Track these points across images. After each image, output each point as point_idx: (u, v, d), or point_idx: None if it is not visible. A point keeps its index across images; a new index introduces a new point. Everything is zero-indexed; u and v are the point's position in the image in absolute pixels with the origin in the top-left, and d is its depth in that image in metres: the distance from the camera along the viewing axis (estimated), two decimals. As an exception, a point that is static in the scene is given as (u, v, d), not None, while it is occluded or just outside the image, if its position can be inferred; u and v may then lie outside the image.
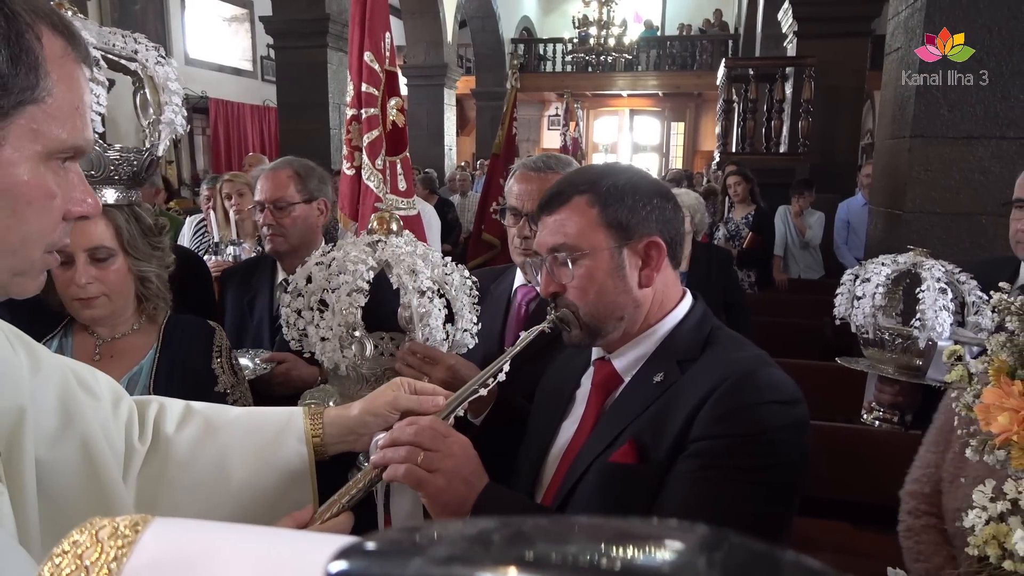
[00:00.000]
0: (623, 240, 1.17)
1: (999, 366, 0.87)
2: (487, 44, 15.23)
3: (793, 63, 7.10)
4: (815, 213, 5.83)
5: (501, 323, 1.96)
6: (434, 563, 0.27)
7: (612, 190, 1.17)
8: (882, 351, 2.08)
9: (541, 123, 20.44)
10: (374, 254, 1.47)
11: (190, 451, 1.03)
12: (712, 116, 14.83)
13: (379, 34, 3.06)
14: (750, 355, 1.15)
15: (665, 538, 0.28)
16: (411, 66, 11.44)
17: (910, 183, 3.40)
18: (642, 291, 1.19)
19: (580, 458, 1.18)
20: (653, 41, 18.52)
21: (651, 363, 1.20)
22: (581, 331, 1.21)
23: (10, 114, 0.67)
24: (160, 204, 5.44)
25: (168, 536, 0.38)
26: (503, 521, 0.29)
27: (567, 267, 1.18)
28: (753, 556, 0.29)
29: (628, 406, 1.17)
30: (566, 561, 0.25)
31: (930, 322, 1.90)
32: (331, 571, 0.30)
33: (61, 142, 0.71)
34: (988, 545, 0.79)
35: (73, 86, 0.72)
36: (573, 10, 16.65)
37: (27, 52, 0.67)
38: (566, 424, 1.29)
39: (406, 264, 1.44)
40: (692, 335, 1.20)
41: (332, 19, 7.27)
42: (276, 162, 2.29)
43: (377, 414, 1.10)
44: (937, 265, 2.02)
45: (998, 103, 3.22)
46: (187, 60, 11.30)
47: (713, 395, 1.05)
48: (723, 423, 1.03)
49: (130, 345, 1.61)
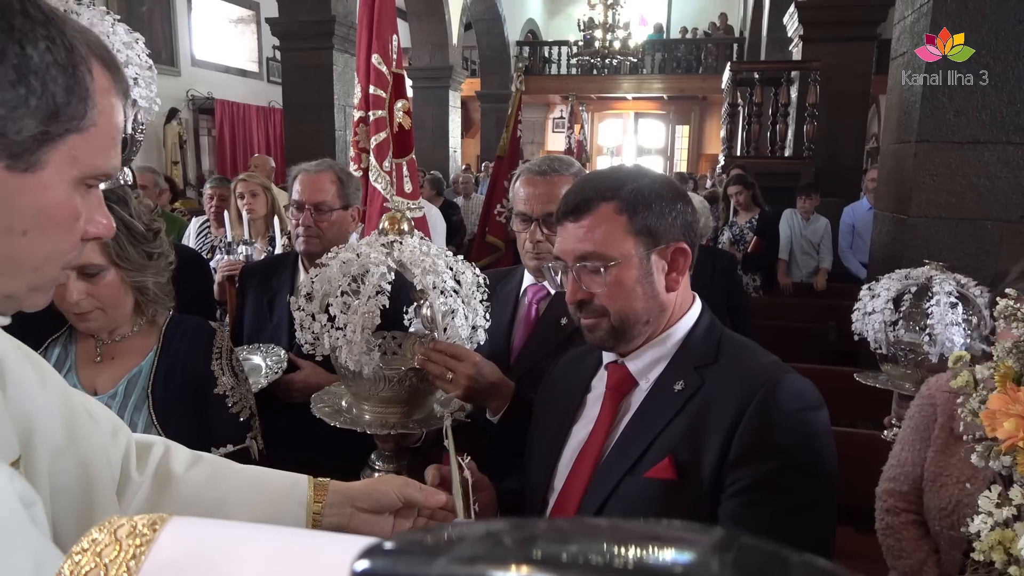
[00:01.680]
0: (651, 246, 1.18)
1: (1005, 372, 0.88)
2: (492, 47, 15.24)
3: (798, 67, 7.10)
4: (820, 219, 5.84)
5: (508, 323, 1.96)
6: (458, 562, 0.27)
7: (639, 196, 1.18)
8: (896, 366, 2.08)
9: (546, 125, 20.44)
10: (392, 255, 1.46)
11: (194, 492, 1.04)
12: (717, 119, 14.82)
13: (387, 36, 3.08)
14: (768, 362, 1.18)
15: (679, 539, 0.28)
16: (416, 68, 11.44)
17: (916, 188, 3.40)
18: (668, 295, 1.21)
19: (607, 470, 1.18)
20: (658, 44, 18.52)
21: (670, 370, 1.20)
22: (607, 334, 1.21)
23: (56, 140, 0.70)
24: (165, 205, 5.46)
25: (186, 535, 0.39)
26: (522, 522, 0.30)
27: (598, 275, 1.18)
28: (765, 556, 0.30)
29: (652, 416, 1.18)
30: (584, 561, 0.26)
31: (940, 337, 1.89)
32: (356, 570, 0.30)
33: (96, 168, 0.75)
34: (994, 551, 0.79)
35: (113, 118, 0.77)
36: (578, 13, 16.64)
37: (80, 84, 0.71)
38: (577, 427, 1.30)
39: (425, 264, 1.44)
40: (705, 340, 1.22)
41: (338, 21, 7.29)
42: (317, 164, 2.30)
43: (384, 493, 1.08)
44: (949, 279, 2.00)
45: (1004, 108, 3.22)
46: (193, 61, 11.33)
47: (748, 410, 1.07)
48: (766, 441, 1.05)
49: (130, 347, 1.61)
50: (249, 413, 1.67)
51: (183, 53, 11.05)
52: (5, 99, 0.65)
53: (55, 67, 0.69)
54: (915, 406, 1.49)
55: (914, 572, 1.32)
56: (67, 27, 0.71)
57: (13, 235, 0.70)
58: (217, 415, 1.61)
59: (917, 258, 3.27)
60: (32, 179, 0.70)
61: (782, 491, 1.05)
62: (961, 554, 1.22)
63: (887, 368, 2.13)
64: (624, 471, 1.15)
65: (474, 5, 13.71)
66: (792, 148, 7.13)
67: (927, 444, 1.40)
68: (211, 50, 11.76)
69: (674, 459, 1.10)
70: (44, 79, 0.68)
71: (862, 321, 2.11)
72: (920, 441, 1.42)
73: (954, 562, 1.26)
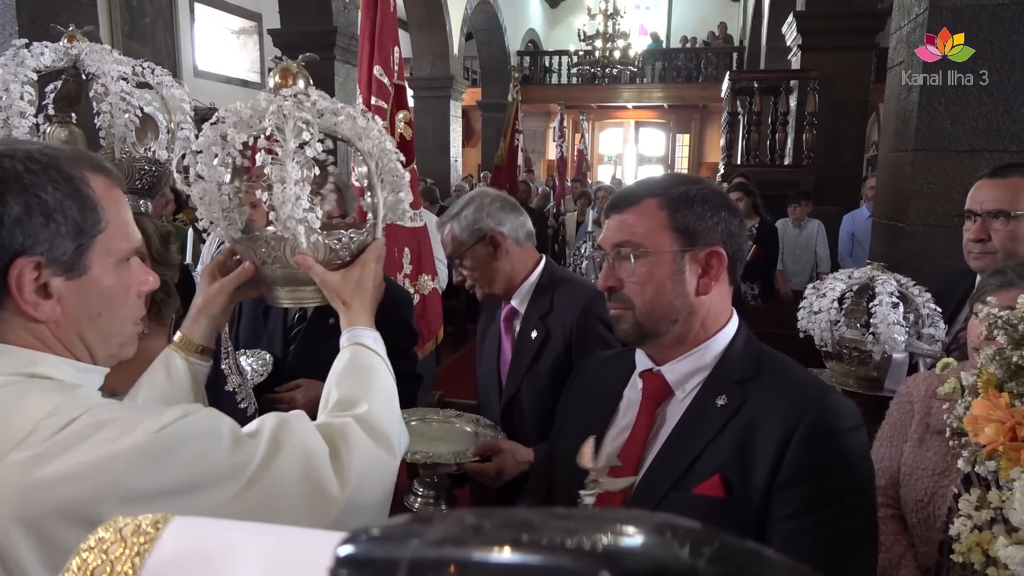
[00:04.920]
0: (687, 245, 1.19)
1: (988, 378, 0.89)
2: (493, 56, 15.32)
3: (797, 76, 7.12)
4: (812, 221, 5.91)
5: (497, 348, 2.09)
6: (429, 544, 0.29)
7: (683, 197, 1.20)
8: (841, 364, 2.11)
9: (547, 134, 20.50)
10: (304, 107, 1.15)
11: None
12: (717, 128, 14.85)
13: (388, 48, 3.11)
14: (810, 379, 1.20)
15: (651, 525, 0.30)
16: (417, 78, 11.51)
17: (913, 196, 3.42)
18: (698, 299, 1.21)
19: (650, 484, 1.18)
20: (658, 53, 18.59)
21: (710, 384, 1.20)
22: (631, 327, 1.22)
23: (90, 246, 0.91)
24: (168, 215, 5.49)
25: (187, 533, 0.41)
26: (496, 511, 0.32)
27: (629, 262, 1.20)
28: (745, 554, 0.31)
29: (695, 430, 1.17)
30: (548, 543, 0.28)
31: (883, 335, 1.92)
32: (339, 554, 0.32)
33: (124, 250, 0.97)
34: (972, 552, 0.81)
35: (119, 206, 0.96)
36: (579, 23, 16.73)
37: (87, 200, 0.91)
38: (610, 435, 1.29)
39: (338, 114, 1.18)
40: (745, 354, 1.22)
41: (339, 32, 7.35)
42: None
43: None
44: (890, 279, 2.04)
45: (1000, 117, 3.24)
46: (196, 72, 11.38)
47: (797, 432, 1.08)
48: (817, 465, 1.07)
49: (143, 348, 1.65)
50: (254, 409, 1.72)
51: (186, 64, 11.11)
52: (46, 236, 0.87)
53: (66, 199, 0.88)
54: (893, 404, 1.52)
55: (892, 567, 1.33)
56: (61, 160, 0.90)
57: (93, 319, 0.95)
58: (229, 411, 1.66)
59: (915, 266, 3.29)
60: (86, 279, 0.92)
61: (835, 515, 1.06)
62: (936, 550, 1.24)
63: (831, 365, 2.16)
64: (669, 486, 1.15)
65: (475, 15, 13.78)
66: (792, 156, 7.15)
67: (904, 440, 1.43)
68: (213, 61, 11.82)
69: (723, 477, 1.10)
70: (63, 210, 0.88)
71: (807, 319, 2.15)
72: (897, 437, 1.46)
73: (930, 555, 1.28)
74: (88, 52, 1.63)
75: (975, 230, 2.02)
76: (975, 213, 2.03)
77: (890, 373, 1.97)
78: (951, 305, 2.10)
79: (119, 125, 1.61)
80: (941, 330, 1.98)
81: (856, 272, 2.15)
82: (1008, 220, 1.96)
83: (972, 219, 2.04)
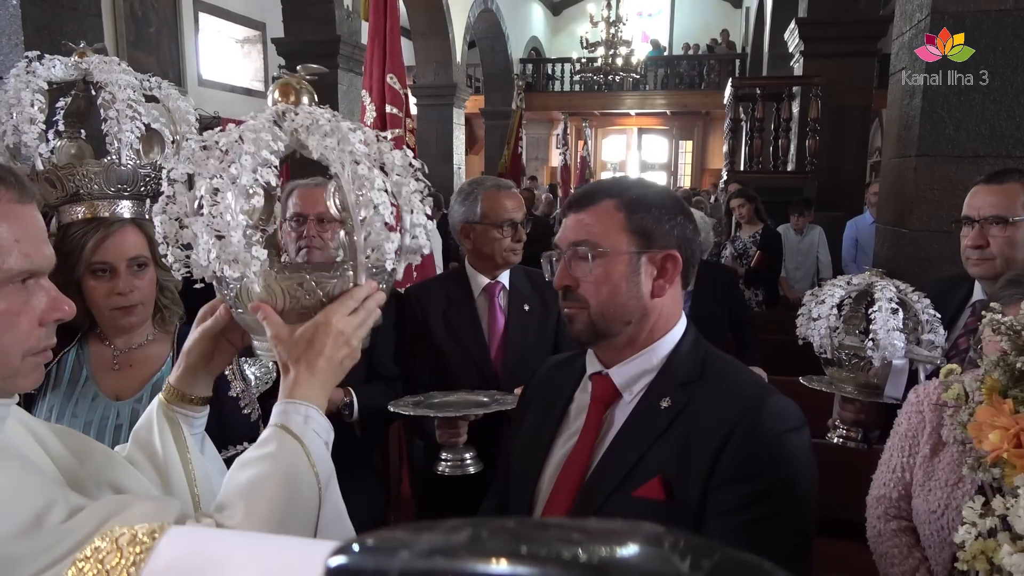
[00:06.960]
0: (643, 247, 1.20)
1: (991, 385, 0.89)
2: (496, 64, 15.36)
3: (800, 82, 7.13)
4: (814, 228, 5.91)
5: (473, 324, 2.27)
6: (418, 556, 0.29)
7: (640, 199, 1.22)
8: (840, 370, 2.10)
9: (550, 142, 20.52)
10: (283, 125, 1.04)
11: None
12: (720, 134, 14.86)
13: (399, 57, 3.13)
14: (752, 381, 1.21)
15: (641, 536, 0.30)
16: (421, 86, 11.54)
17: (916, 202, 3.41)
18: (652, 301, 1.22)
19: (594, 486, 1.19)
20: (661, 60, 18.63)
21: (656, 385, 1.22)
22: (585, 327, 1.23)
23: None
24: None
25: (183, 543, 0.41)
26: (487, 521, 0.32)
27: (586, 261, 1.21)
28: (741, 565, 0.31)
29: (638, 432, 1.19)
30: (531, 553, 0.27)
31: (883, 341, 1.91)
32: (330, 565, 0.32)
33: (8, 272, 0.82)
34: (976, 560, 0.80)
35: (12, 224, 0.83)
36: (581, 30, 16.77)
37: None
38: (561, 439, 1.31)
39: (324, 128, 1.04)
40: (691, 356, 1.24)
41: (343, 41, 7.39)
42: (312, 181, 2.35)
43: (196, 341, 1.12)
44: (889, 285, 2.03)
45: (1004, 122, 3.23)
46: (200, 81, 11.42)
47: (734, 432, 1.09)
48: (750, 463, 1.08)
49: (147, 354, 1.68)
50: (258, 414, 1.73)
51: (190, 73, 11.15)
52: None
53: None
54: (903, 414, 1.50)
55: None
56: None
57: None
58: (233, 416, 1.69)
59: (919, 271, 3.28)
60: None
61: (763, 510, 1.07)
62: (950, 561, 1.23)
63: (830, 371, 2.15)
64: (612, 488, 1.16)
65: (478, 23, 13.83)
66: (795, 163, 7.15)
67: (916, 450, 1.42)
68: (217, 70, 11.86)
69: (664, 479, 1.12)
70: None
71: (806, 326, 2.14)
72: (909, 447, 1.44)
73: (944, 568, 1.26)
74: (97, 64, 1.68)
75: (973, 236, 2.01)
76: (973, 219, 2.02)
77: (890, 379, 1.96)
78: (948, 313, 2.09)
79: (126, 131, 1.64)
80: (941, 336, 1.98)
81: (855, 278, 2.15)
82: (1006, 226, 1.96)
83: (970, 225, 2.03)
